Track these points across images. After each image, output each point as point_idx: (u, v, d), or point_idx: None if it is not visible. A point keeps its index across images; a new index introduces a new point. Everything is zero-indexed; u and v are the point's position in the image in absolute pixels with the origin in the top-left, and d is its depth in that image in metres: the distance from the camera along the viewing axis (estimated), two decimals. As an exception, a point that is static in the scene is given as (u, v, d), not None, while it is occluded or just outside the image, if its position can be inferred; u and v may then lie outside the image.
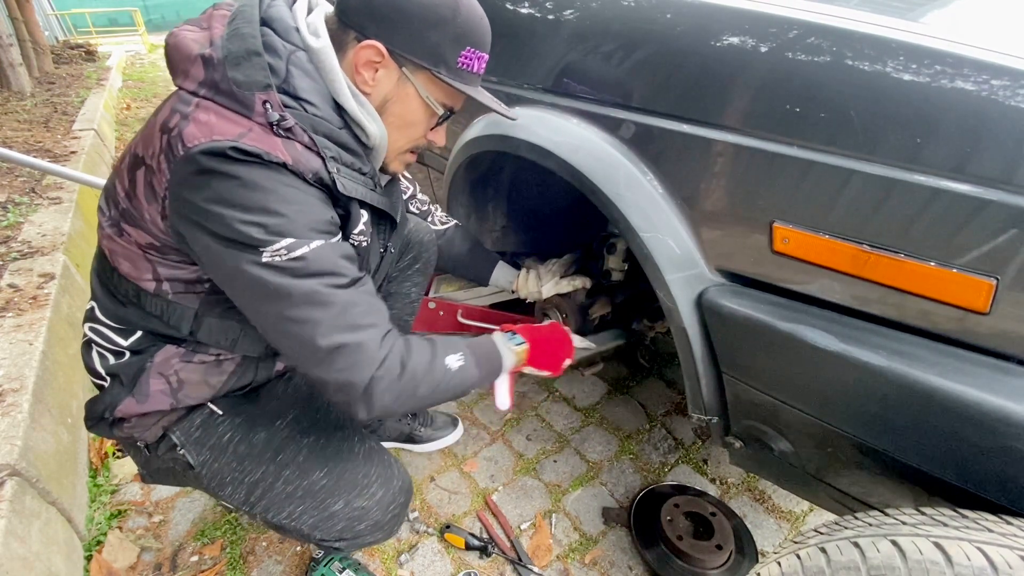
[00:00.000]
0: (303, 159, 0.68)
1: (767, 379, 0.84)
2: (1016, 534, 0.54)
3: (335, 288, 0.69)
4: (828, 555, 0.59)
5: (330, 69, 0.72)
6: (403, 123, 0.80)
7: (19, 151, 2.46)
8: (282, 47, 0.69)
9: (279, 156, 0.65)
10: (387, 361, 0.72)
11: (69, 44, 7.07)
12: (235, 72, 0.65)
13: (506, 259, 1.65)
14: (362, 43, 0.71)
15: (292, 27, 0.71)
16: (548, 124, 1.01)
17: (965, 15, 0.77)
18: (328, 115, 0.71)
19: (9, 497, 0.97)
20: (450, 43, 0.72)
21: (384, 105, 0.77)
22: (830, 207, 0.70)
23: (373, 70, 0.73)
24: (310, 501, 0.86)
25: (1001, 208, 0.58)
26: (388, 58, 0.72)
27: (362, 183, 0.77)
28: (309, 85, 0.70)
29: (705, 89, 0.79)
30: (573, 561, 1.20)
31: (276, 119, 0.65)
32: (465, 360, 0.84)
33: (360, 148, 0.76)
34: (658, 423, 1.58)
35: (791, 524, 1.30)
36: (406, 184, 1.26)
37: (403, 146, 0.84)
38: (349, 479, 0.89)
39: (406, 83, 0.75)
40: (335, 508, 0.87)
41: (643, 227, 0.89)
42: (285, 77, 0.68)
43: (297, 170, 0.67)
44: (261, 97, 0.65)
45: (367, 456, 0.93)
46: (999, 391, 0.60)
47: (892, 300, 0.70)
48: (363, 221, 0.80)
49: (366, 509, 0.89)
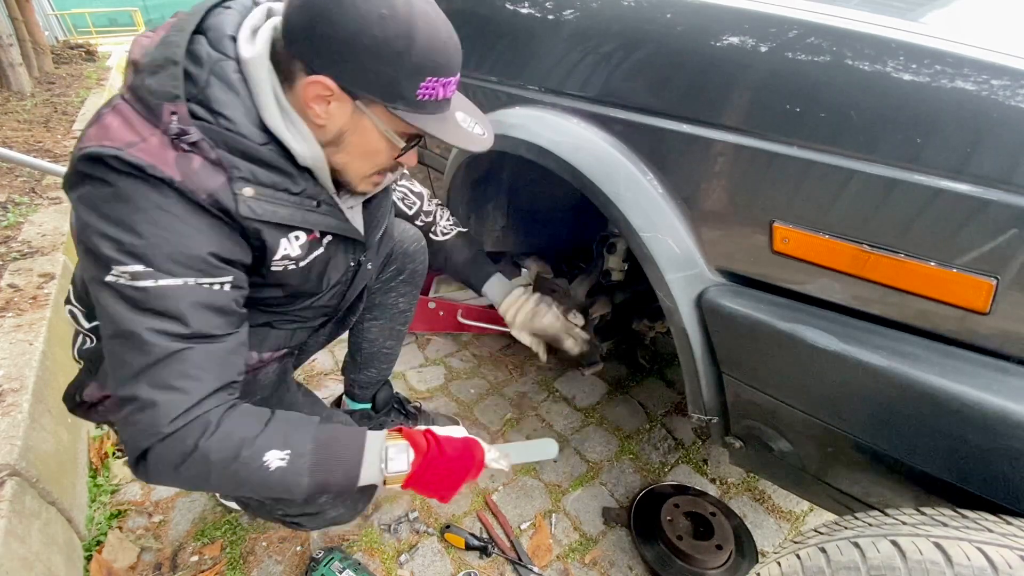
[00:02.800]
0: (199, 177, 0.63)
1: (767, 379, 0.84)
2: (1016, 534, 0.54)
3: (164, 336, 0.63)
4: (828, 555, 0.59)
5: (257, 82, 0.66)
6: (363, 153, 0.75)
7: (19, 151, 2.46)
8: (207, 56, 0.65)
9: (166, 172, 0.61)
10: (177, 435, 0.64)
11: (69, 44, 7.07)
12: (151, 80, 0.63)
13: (506, 259, 1.65)
14: (309, 78, 0.65)
15: (227, 35, 0.67)
16: (548, 124, 1.01)
17: (965, 15, 0.76)
18: (247, 130, 0.66)
19: (9, 497, 0.97)
20: (407, 77, 0.65)
21: (341, 136, 0.72)
22: (830, 207, 0.70)
23: (324, 103, 0.68)
24: None
25: (1001, 208, 0.58)
26: (340, 92, 0.66)
27: (292, 204, 0.72)
28: (227, 98, 0.65)
29: (705, 89, 0.79)
30: (573, 561, 1.20)
31: (175, 132, 0.61)
32: (291, 463, 0.70)
33: (292, 166, 0.71)
34: (658, 423, 1.58)
35: (791, 524, 1.30)
36: (412, 199, 1.22)
37: (367, 171, 0.79)
38: None
39: (362, 116, 0.70)
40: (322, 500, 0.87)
41: (643, 227, 0.89)
42: (203, 88, 0.64)
43: (186, 188, 0.62)
44: (169, 108, 0.62)
45: None
46: (999, 391, 0.60)
47: (892, 300, 0.70)
48: (299, 243, 0.76)
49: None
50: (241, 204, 0.66)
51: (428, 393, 1.67)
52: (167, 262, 0.63)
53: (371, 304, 1.21)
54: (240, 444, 0.68)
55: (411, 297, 1.26)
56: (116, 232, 0.61)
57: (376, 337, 1.27)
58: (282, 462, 0.69)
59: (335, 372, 1.72)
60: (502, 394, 1.67)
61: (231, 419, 0.68)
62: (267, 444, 0.69)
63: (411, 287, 1.24)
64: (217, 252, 0.66)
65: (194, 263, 0.64)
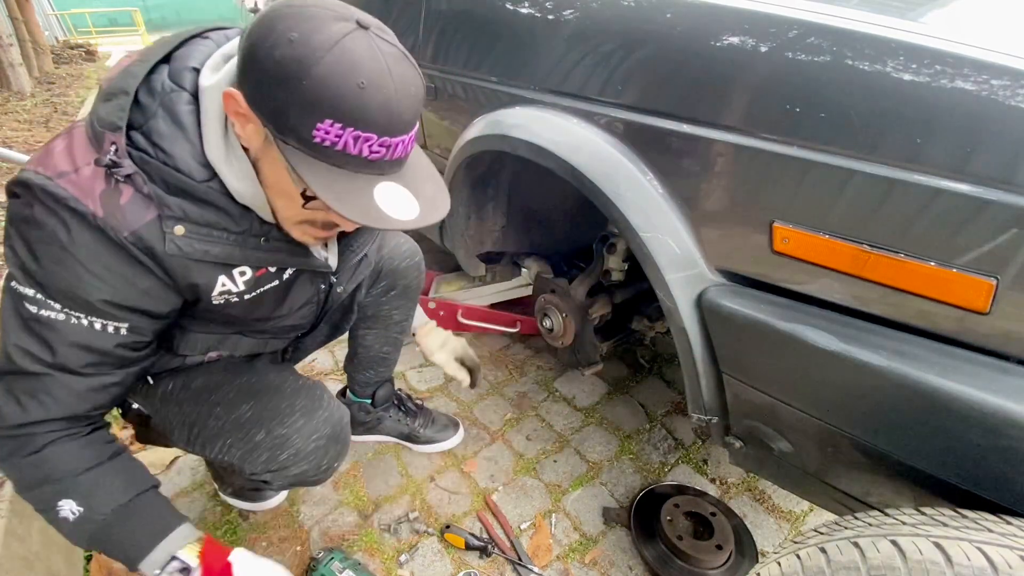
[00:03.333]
0: (124, 214, 0.61)
1: (767, 379, 0.84)
2: (1016, 534, 0.54)
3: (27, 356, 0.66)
4: (828, 555, 0.59)
5: (207, 111, 0.63)
6: (276, 188, 0.66)
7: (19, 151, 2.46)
8: (161, 87, 0.63)
9: (87, 206, 0.60)
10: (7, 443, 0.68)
11: (69, 44, 7.07)
12: (102, 107, 0.63)
13: (506, 259, 1.65)
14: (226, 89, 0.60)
15: (189, 67, 0.64)
16: (548, 124, 1.01)
17: (965, 15, 0.76)
18: (186, 166, 0.63)
19: (9, 497, 0.97)
20: (299, 110, 0.55)
21: (257, 164, 0.66)
22: (830, 207, 0.70)
23: (242, 122, 0.61)
24: (237, 434, 0.86)
25: (1001, 208, 0.58)
26: (248, 110, 0.58)
27: (232, 242, 0.69)
28: (170, 131, 0.62)
29: (705, 89, 0.79)
30: (573, 561, 1.20)
31: (106, 163, 0.60)
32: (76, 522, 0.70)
33: (232, 205, 0.67)
34: (658, 423, 1.58)
35: (791, 524, 1.30)
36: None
37: (291, 216, 0.69)
38: (272, 409, 0.88)
39: (271, 145, 0.61)
40: (258, 438, 0.86)
41: (643, 227, 0.89)
42: (149, 118, 0.62)
43: (106, 226, 0.61)
44: (111, 138, 0.61)
45: (295, 390, 0.91)
46: (999, 391, 0.60)
47: (892, 300, 0.70)
48: (243, 279, 0.75)
49: (286, 436, 0.87)
50: (168, 243, 0.64)
51: (428, 393, 1.67)
52: (59, 296, 0.64)
53: (365, 315, 1.21)
54: (45, 478, 0.69)
55: (406, 309, 1.24)
56: (23, 253, 0.63)
57: (372, 344, 1.27)
58: (72, 515, 0.70)
59: (335, 372, 1.72)
60: (502, 394, 1.67)
61: (57, 448, 0.70)
62: (67, 491, 0.70)
63: (405, 300, 1.22)
64: (112, 300, 0.66)
65: (83, 306, 0.65)
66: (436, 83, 1.32)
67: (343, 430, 0.95)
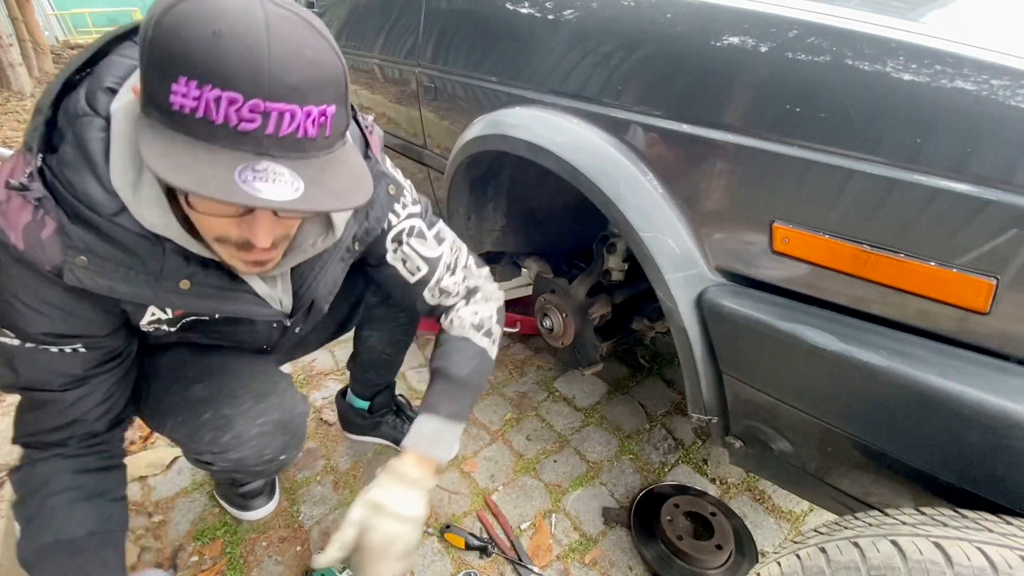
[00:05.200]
0: (45, 248, 0.57)
1: (767, 379, 0.84)
2: (1016, 534, 0.54)
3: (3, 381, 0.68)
4: (828, 555, 0.59)
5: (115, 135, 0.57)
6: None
7: (19, 151, 2.46)
8: (74, 109, 0.57)
9: (9, 237, 0.57)
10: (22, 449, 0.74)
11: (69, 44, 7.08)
12: (29, 125, 0.58)
13: (506, 259, 1.65)
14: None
15: (103, 87, 0.58)
16: (548, 124, 1.01)
17: (965, 15, 0.76)
18: (88, 199, 0.57)
19: (9, 497, 0.97)
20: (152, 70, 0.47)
21: None
22: (830, 207, 0.70)
23: None
24: (187, 412, 0.84)
25: (1001, 208, 0.58)
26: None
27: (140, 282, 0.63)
28: (75, 161, 0.56)
29: (705, 89, 0.79)
30: (573, 561, 1.20)
31: (16, 185, 0.55)
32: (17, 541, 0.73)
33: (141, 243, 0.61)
34: (658, 423, 1.58)
35: (791, 524, 1.30)
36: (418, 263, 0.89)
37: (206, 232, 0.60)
38: (225, 391, 0.85)
39: None
40: (204, 417, 0.83)
41: (643, 227, 0.89)
42: (60, 144, 0.57)
43: (28, 259, 0.58)
44: (28, 159, 0.56)
45: (252, 374, 0.88)
46: (999, 391, 0.60)
47: (892, 300, 0.70)
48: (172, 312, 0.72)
49: (230, 418, 0.82)
50: (67, 272, 0.59)
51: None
52: (7, 325, 0.63)
53: (370, 316, 1.18)
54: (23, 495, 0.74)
55: (411, 313, 1.16)
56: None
57: (376, 344, 1.25)
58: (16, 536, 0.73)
59: (335, 372, 1.72)
60: (502, 394, 1.67)
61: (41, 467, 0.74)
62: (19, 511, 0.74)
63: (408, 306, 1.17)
64: (53, 332, 0.65)
65: (28, 336, 0.64)
66: (436, 83, 1.32)
67: (294, 420, 0.89)
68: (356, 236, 0.81)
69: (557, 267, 1.57)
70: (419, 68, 1.37)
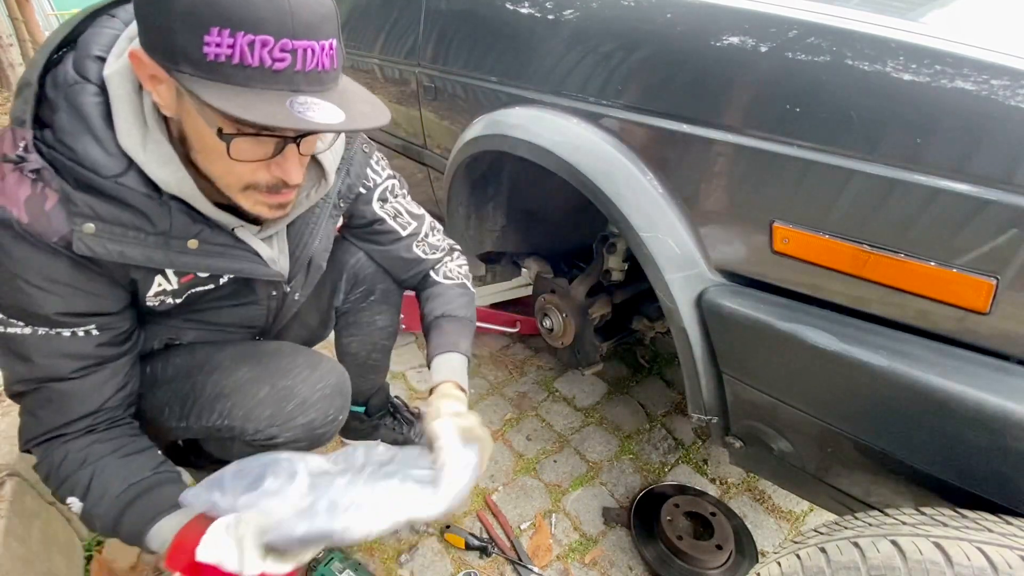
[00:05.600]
0: (50, 219, 0.58)
1: (767, 379, 0.84)
2: (1016, 534, 0.54)
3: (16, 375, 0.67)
4: (828, 555, 0.59)
5: (116, 99, 0.59)
6: (203, 148, 0.61)
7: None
8: (64, 78, 0.59)
9: (11, 212, 0.57)
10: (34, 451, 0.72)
11: (69, 44, 7.06)
12: (14, 103, 0.60)
13: (506, 259, 1.65)
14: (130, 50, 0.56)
15: (91, 55, 0.60)
16: (548, 124, 1.01)
17: (965, 15, 0.76)
18: (91, 162, 0.58)
19: (9, 497, 0.97)
20: (183, 27, 0.50)
21: (181, 128, 0.61)
22: (830, 207, 0.70)
23: (155, 84, 0.57)
24: (237, 395, 0.84)
25: (1001, 208, 0.58)
26: (151, 63, 0.54)
27: (151, 244, 0.64)
28: (72, 126, 0.58)
29: (705, 89, 0.79)
30: (573, 561, 1.20)
31: (14, 159, 0.57)
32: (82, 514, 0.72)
33: (147, 202, 0.62)
34: (658, 423, 1.58)
35: (791, 524, 1.30)
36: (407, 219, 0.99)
37: (232, 182, 0.63)
38: (274, 367, 0.88)
39: (183, 96, 0.57)
40: (262, 394, 0.84)
41: (643, 227, 0.89)
42: (53, 113, 0.59)
43: (34, 232, 0.58)
44: (20, 133, 0.58)
45: (294, 351, 0.93)
46: (999, 391, 0.60)
47: (892, 300, 0.70)
48: (175, 280, 0.73)
49: (291, 387, 0.86)
50: (76, 242, 0.59)
51: (428, 394, 1.67)
52: (15, 312, 0.63)
53: (346, 323, 1.16)
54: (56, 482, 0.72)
55: (389, 315, 1.16)
56: None
57: (358, 351, 1.21)
58: (79, 511, 0.72)
59: (335, 372, 1.72)
60: (502, 394, 1.67)
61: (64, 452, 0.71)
62: (71, 489, 0.71)
63: (386, 305, 1.14)
64: (66, 311, 0.64)
65: (41, 320, 0.64)
66: (436, 83, 1.32)
67: (345, 385, 0.97)
68: (340, 193, 0.88)
69: (557, 267, 1.57)
70: (419, 68, 1.37)
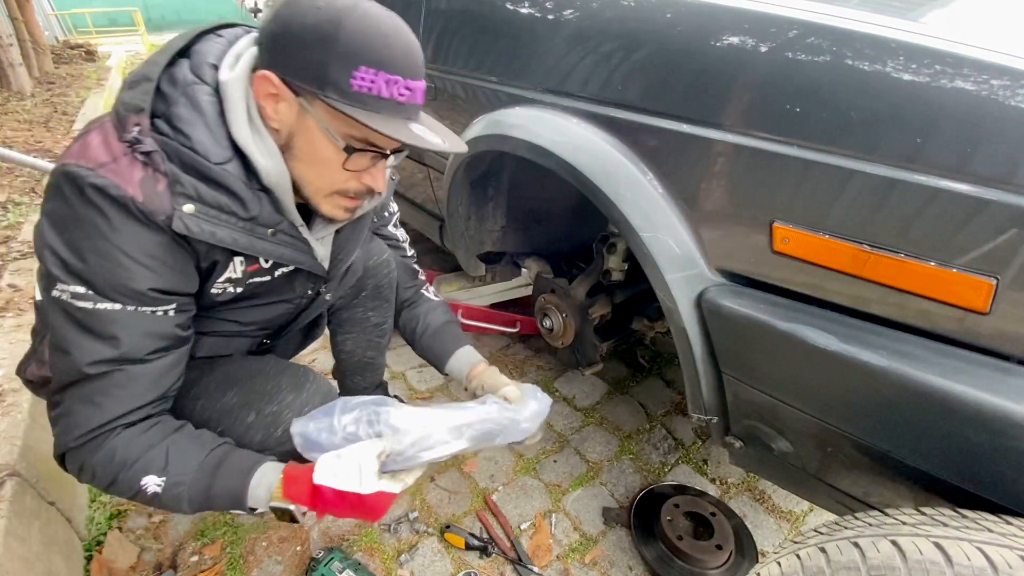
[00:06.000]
0: (159, 199, 0.64)
1: (767, 379, 0.84)
2: (1016, 534, 0.54)
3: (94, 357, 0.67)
4: (828, 555, 0.59)
5: (230, 99, 0.68)
6: (312, 160, 0.72)
7: (19, 151, 2.46)
8: (183, 78, 0.67)
9: (128, 191, 0.63)
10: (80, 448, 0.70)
11: (69, 44, 7.07)
12: (126, 94, 0.66)
13: (506, 259, 1.65)
14: (256, 74, 0.67)
15: (207, 63, 0.69)
16: (548, 124, 1.01)
17: (965, 15, 0.77)
18: (205, 147, 0.66)
19: (9, 497, 0.97)
20: (336, 62, 0.63)
21: (290, 141, 0.71)
22: (830, 207, 0.70)
23: (273, 102, 0.68)
24: (226, 421, 0.85)
25: (1001, 208, 0.58)
26: (283, 88, 0.66)
27: (239, 228, 0.71)
28: (191, 116, 0.66)
29: (705, 89, 0.79)
30: (573, 561, 1.20)
31: (130, 139, 0.63)
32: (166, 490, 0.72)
33: (244, 189, 0.70)
34: (658, 423, 1.58)
35: (791, 524, 1.30)
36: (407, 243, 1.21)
37: (324, 187, 0.75)
38: (258, 391, 0.88)
39: (305, 114, 0.68)
40: (249, 420, 0.85)
41: (643, 227, 0.89)
42: (170, 106, 0.66)
43: (146, 209, 0.64)
44: (134, 119, 0.64)
45: (277, 371, 0.92)
46: (999, 391, 0.60)
47: (892, 300, 0.70)
48: (240, 268, 0.77)
49: (277, 413, 0.87)
50: (176, 220, 0.65)
51: (428, 393, 1.67)
52: (107, 288, 0.66)
53: (340, 320, 1.18)
54: (120, 467, 0.71)
55: (382, 311, 1.19)
56: (65, 253, 0.64)
57: (354, 349, 1.23)
58: (158, 488, 0.72)
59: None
60: (502, 394, 1.66)
61: (123, 438, 0.71)
62: (146, 468, 0.71)
63: (379, 301, 1.17)
64: (159, 287, 0.68)
65: (133, 295, 0.67)
66: (436, 83, 1.32)
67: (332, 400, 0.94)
68: (375, 210, 1.01)
69: (557, 267, 1.57)
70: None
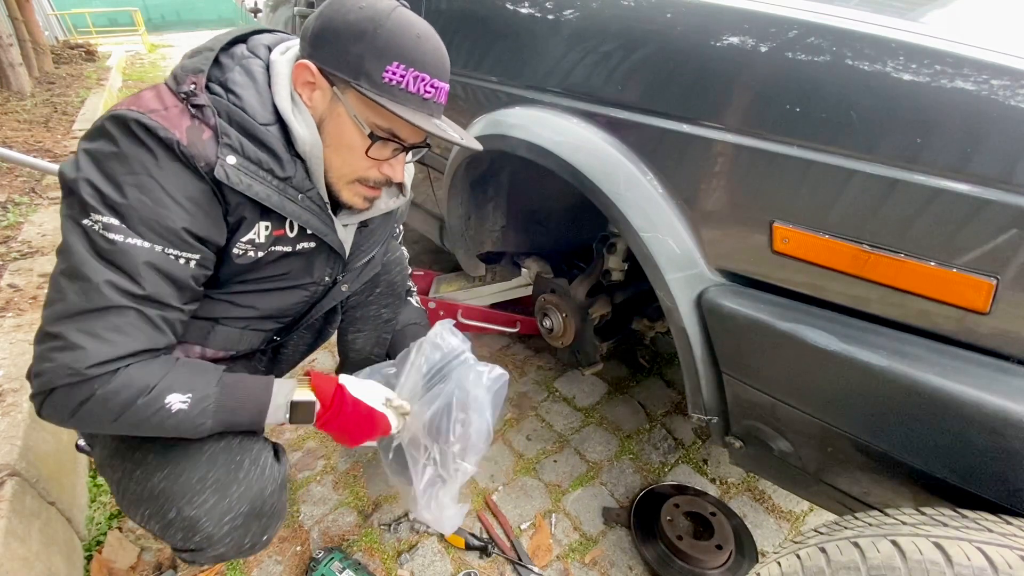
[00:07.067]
0: (202, 146, 0.69)
1: (767, 379, 0.84)
2: (1016, 534, 0.54)
3: (116, 290, 0.65)
4: (828, 555, 0.59)
5: (277, 75, 0.76)
6: (338, 144, 0.78)
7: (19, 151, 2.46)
8: (240, 52, 0.76)
9: (175, 134, 0.67)
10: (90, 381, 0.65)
11: (69, 44, 7.08)
12: (187, 61, 0.74)
13: (506, 259, 1.65)
14: (297, 62, 0.74)
15: (263, 44, 0.79)
16: (548, 124, 1.01)
17: (965, 15, 0.76)
18: (253, 108, 0.73)
19: (9, 497, 0.97)
20: (372, 56, 0.70)
21: (321, 124, 0.77)
22: (830, 207, 0.70)
23: (309, 90, 0.75)
24: (152, 506, 0.78)
25: (1001, 208, 0.58)
26: (319, 77, 0.74)
27: (273, 186, 0.75)
28: (244, 81, 0.74)
29: (705, 89, 0.79)
30: (573, 561, 1.20)
31: (185, 91, 0.69)
32: (193, 405, 0.72)
33: (284, 150, 0.75)
34: (658, 423, 1.58)
35: (791, 524, 1.30)
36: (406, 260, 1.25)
37: (347, 173, 0.81)
38: (184, 484, 0.78)
39: (337, 102, 0.75)
40: (170, 516, 0.77)
41: (643, 227, 0.89)
42: (226, 72, 0.74)
43: (188, 153, 0.68)
44: (191, 78, 0.71)
45: (212, 458, 0.80)
46: (999, 391, 0.60)
47: (892, 300, 0.70)
48: (264, 234, 0.78)
49: (195, 519, 0.77)
50: (218, 167, 0.70)
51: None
52: (141, 225, 0.67)
53: (352, 317, 1.18)
54: (139, 392, 0.68)
55: (394, 307, 1.22)
56: (104, 186, 0.66)
57: (363, 347, 1.23)
58: (184, 405, 0.71)
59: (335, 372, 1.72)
60: (502, 394, 1.67)
61: (137, 368, 0.69)
62: (169, 387, 0.70)
63: (391, 298, 1.20)
64: (191, 229, 0.70)
65: (166, 234, 0.68)
66: (436, 83, 1.31)
67: (266, 502, 0.83)
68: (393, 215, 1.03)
69: (557, 267, 1.57)
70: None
